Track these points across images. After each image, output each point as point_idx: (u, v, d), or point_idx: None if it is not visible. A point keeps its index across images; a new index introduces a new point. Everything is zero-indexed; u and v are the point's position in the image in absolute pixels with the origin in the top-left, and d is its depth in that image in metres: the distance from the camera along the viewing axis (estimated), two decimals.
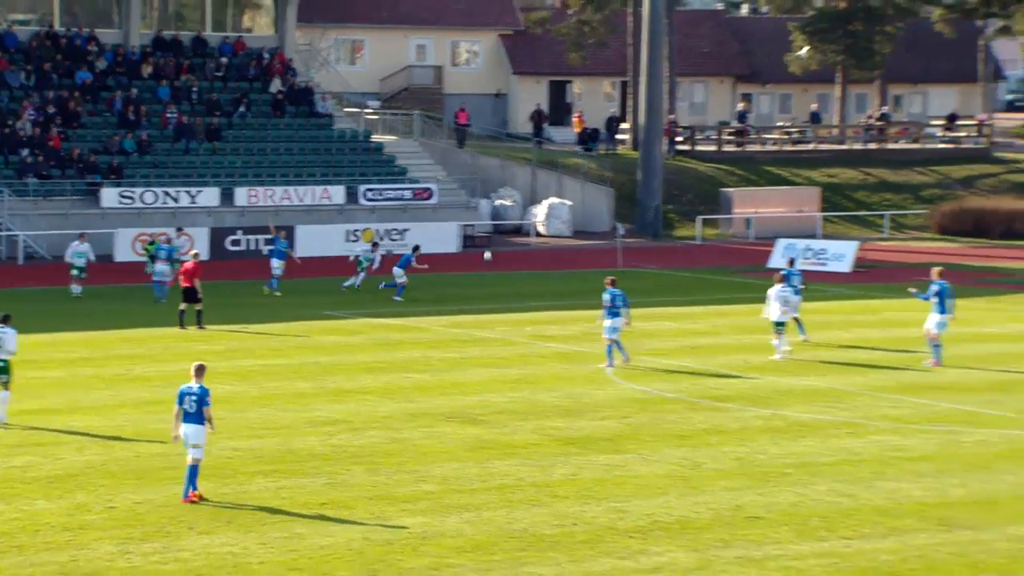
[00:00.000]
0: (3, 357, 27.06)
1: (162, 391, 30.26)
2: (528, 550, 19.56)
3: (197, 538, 20.04)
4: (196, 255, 40.99)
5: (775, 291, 34.57)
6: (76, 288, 45.26)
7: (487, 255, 44.20)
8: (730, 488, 22.79)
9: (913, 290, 35.67)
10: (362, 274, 47.23)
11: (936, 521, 21.04)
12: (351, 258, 48.50)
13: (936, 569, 18.86)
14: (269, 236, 49.49)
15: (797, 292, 36.78)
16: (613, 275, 35.46)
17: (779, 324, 34.60)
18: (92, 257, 46.47)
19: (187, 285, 39.11)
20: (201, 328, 38.89)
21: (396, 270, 45.59)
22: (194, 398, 21.86)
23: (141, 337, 37.86)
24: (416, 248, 48.02)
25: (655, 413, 28.49)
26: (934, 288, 34.21)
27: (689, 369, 33.58)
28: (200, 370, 22.20)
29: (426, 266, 46.65)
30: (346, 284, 47.21)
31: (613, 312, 33.17)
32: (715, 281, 51.61)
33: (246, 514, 21.21)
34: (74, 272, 45.39)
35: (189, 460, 21.83)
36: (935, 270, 34.99)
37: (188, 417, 21.87)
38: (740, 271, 54.46)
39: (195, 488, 21.86)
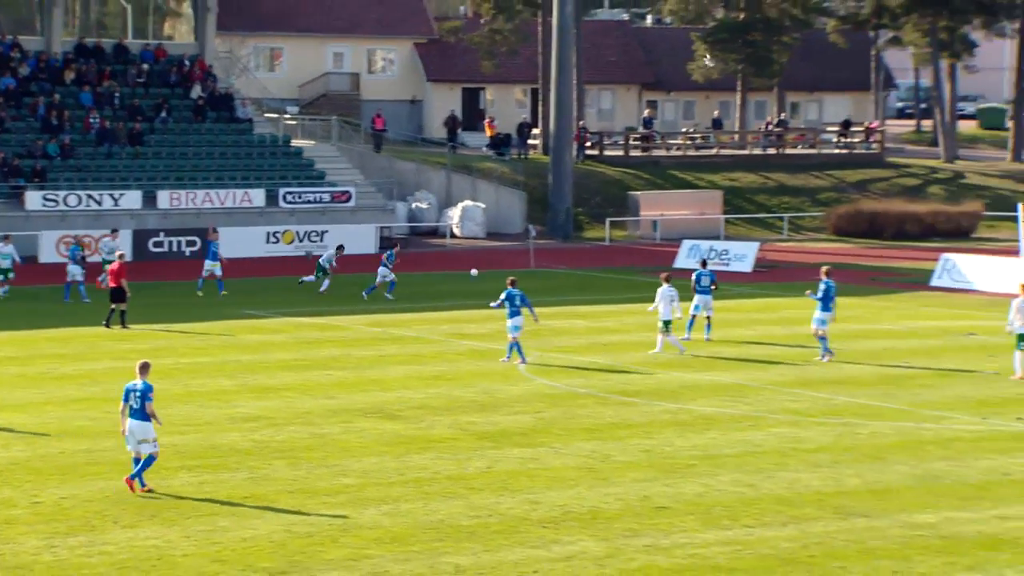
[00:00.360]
0: None
1: (87, 389, 30.01)
2: (445, 540, 19.55)
3: (122, 532, 19.83)
4: (122, 256, 40.71)
5: (662, 291, 34.87)
6: (1, 289, 44.65)
7: (474, 272, 44.27)
8: (638, 479, 22.89)
9: (809, 292, 35.91)
10: (313, 276, 46.76)
11: (833, 509, 21.25)
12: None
13: (834, 555, 19.06)
14: (192, 239, 48.93)
15: (709, 291, 37.23)
16: (514, 275, 35.59)
17: (667, 322, 34.85)
18: (17, 258, 45.87)
19: (114, 285, 38.80)
20: (125, 327, 38.50)
21: (381, 270, 45.34)
22: (138, 394, 21.73)
23: (66, 336, 37.43)
24: (395, 244, 47.92)
25: (567, 408, 28.57)
26: (821, 287, 34.55)
27: (599, 365, 33.70)
28: (145, 367, 22.09)
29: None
30: (322, 288, 46.62)
31: (515, 311, 33.41)
32: (624, 281, 51.83)
33: (170, 508, 21.02)
34: None
35: (143, 455, 21.72)
36: (823, 269, 35.40)
37: (134, 413, 21.74)
38: (647, 271, 54.69)
39: (143, 484, 21.71)
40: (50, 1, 65.72)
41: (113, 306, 38.73)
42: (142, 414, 21.70)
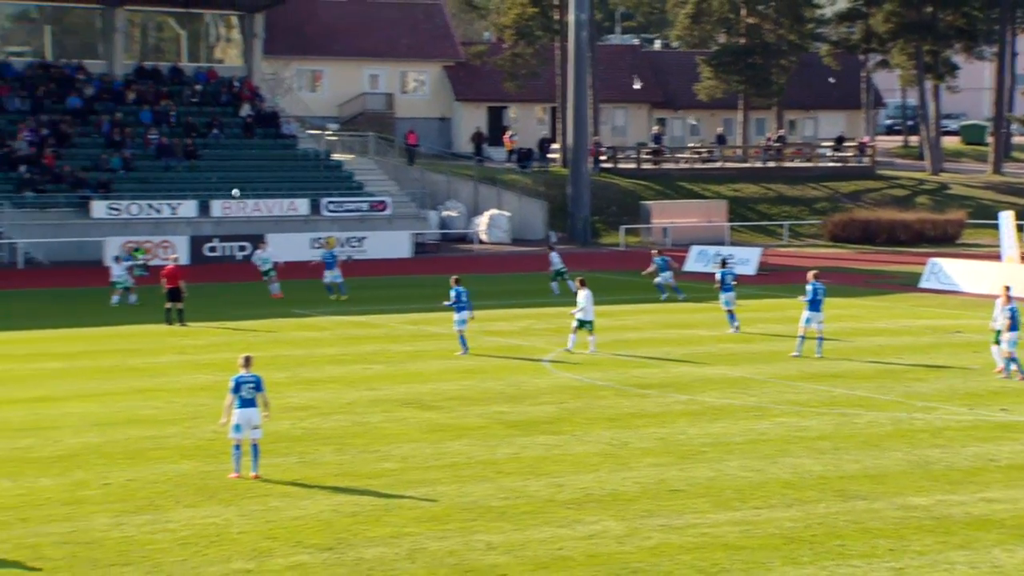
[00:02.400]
0: None
1: (153, 380, 30.11)
2: (478, 520, 19.53)
3: (184, 511, 19.86)
4: (176, 259, 40.79)
5: (586, 294, 34.34)
6: (132, 297, 42.93)
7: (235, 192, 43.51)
8: (654, 464, 22.83)
9: (801, 297, 35.56)
10: (569, 281, 45.76)
11: (834, 492, 21.16)
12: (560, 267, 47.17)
13: (835, 534, 18.98)
14: (243, 244, 48.48)
15: (731, 288, 37.79)
16: (457, 275, 35.54)
17: (584, 322, 34.29)
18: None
19: (172, 286, 38.86)
20: (183, 324, 38.58)
21: (666, 274, 45.33)
22: (251, 385, 21.62)
23: (133, 333, 37.59)
24: (659, 251, 47.73)
25: (588, 399, 28.51)
26: (809, 289, 34.23)
27: (618, 360, 33.63)
28: (249, 360, 21.94)
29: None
30: (557, 291, 46.43)
31: (460, 307, 33.61)
32: (638, 283, 51.70)
33: (226, 489, 21.04)
34: (119, 284, 42.92)
35: (251, 440, 21.56)
36: (810, 273, 35.13)
37: (247, 402, 21.58)
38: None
39: (255, 470, 21.58)
40: (112, 28, 65.99)
41: (169, 305, 38.79)
42: (254, 402, 21.60)
